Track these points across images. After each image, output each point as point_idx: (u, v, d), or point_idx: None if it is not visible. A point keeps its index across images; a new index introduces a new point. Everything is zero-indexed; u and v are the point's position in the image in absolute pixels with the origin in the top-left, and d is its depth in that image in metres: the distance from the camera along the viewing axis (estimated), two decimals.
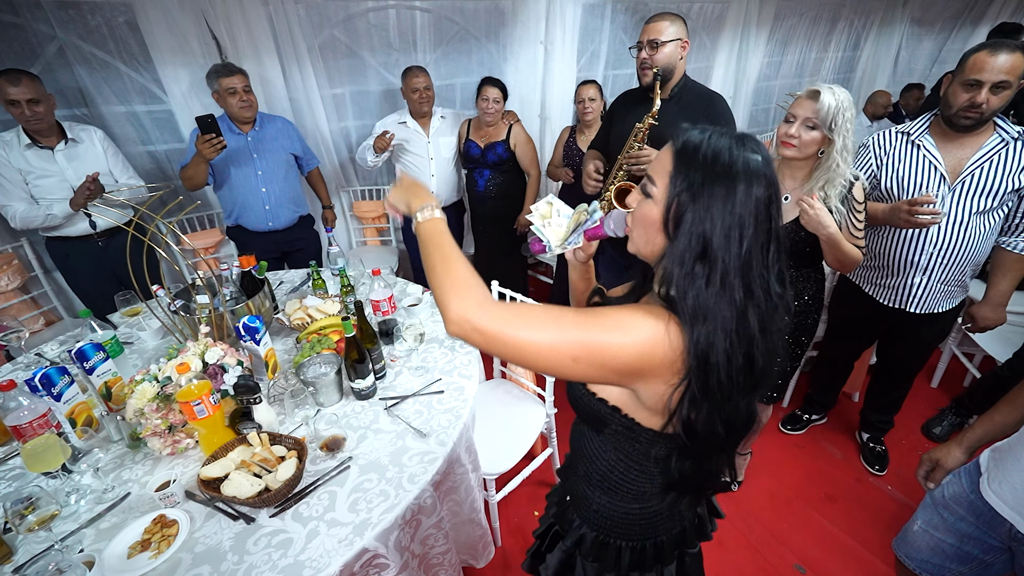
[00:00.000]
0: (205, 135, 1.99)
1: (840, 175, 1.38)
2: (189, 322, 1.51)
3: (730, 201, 0.64)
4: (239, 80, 2.17)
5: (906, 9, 4.69)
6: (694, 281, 0.65)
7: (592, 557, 0.94)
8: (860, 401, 2.42)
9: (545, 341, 0.65)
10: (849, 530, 1.88)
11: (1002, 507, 0.98)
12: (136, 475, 1.17)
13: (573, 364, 0.67)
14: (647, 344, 0.66)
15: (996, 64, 1.36)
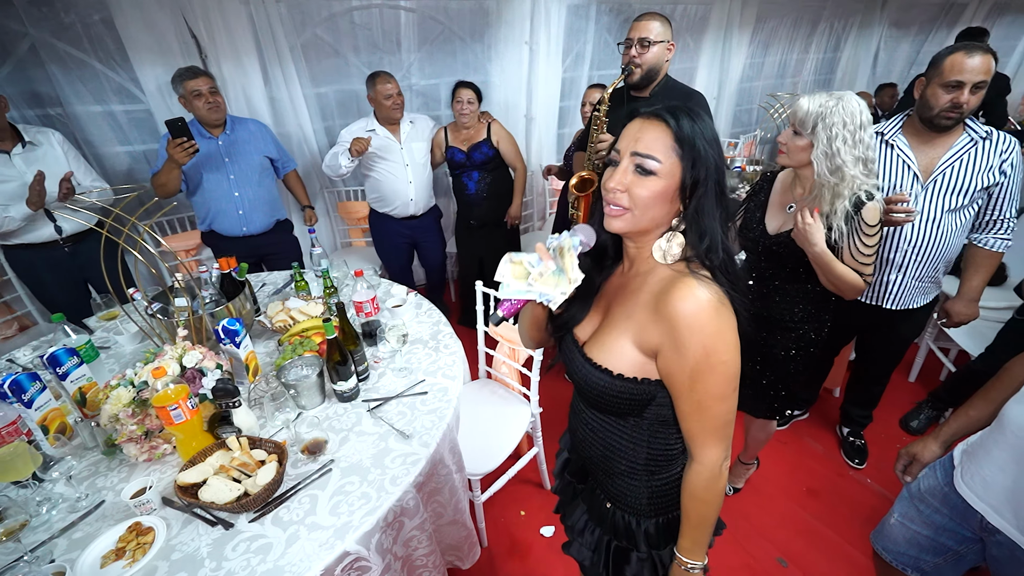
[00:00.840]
0: (176, 139, 1.95)
1: (844, 187, 1.26)
2: (167, 326, 1.49)
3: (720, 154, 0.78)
4: (204, 82, 2.13)
5: (884, 12, 4.79)
6: (713, 221, 0.77)
7: (662, 543, 0.95)
8: (840, 396, 2.47)
9: (732, 404, 0.80)
10: (830, 523, 1.91)
11: (974, 499, 1.00)
12: (111, 482, 1.15)
13: (737, 386, 0.79)
14: (734, 326, 0.77)
15: (974, 65, 1.40)
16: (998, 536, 0.98)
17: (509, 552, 1.82)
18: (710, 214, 0.77)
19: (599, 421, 0.92)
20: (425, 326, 1.73)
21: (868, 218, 1.28)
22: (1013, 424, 0.93)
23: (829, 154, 1.25)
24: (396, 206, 2.67)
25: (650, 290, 0.80)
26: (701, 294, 0.74)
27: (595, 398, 0.87)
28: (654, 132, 0.77)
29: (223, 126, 2.27)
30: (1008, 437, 0.94)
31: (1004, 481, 0.94)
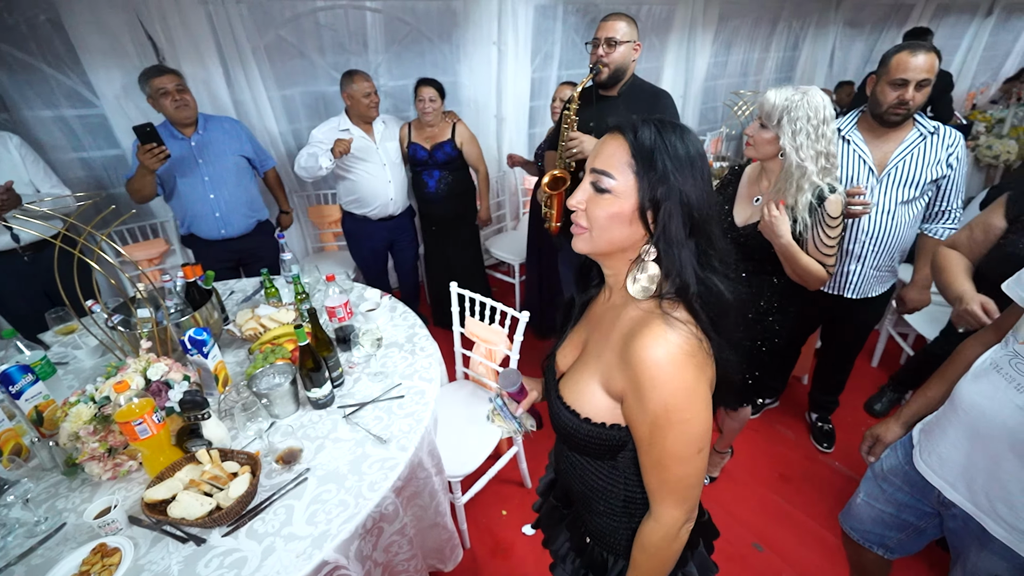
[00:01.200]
0: (145, 145, 1.89)
1: (806, 181, 1.30)
2: (129, 338, 1.43)
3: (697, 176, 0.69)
4: (170, 80, 2.06)
5: (839, 12, 4.98)
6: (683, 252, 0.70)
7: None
8: (809, 384, 2.55)
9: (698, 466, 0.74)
10: (802, 507, 1.97)
11: (931, 476, 1.05)
12: (72, 504, 1.10)
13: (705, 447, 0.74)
14: (701, 381, 0.70)
15: (918, 63, 1.48)
16: (954, 509, 1.03)
17: (492, 552, 1.82)
18: (678, 243, 0.69)
19: (576, 458, 0.87)
20: (400, 329, 1.71)
21: (831, 210, 1.31)
22: (964, 402, 0.98)
23: (794, 147, 1.28)
24: (375, 207, 2.64)
25: (620, 330, 0.75)
26: (665, 344, 0.67)
27: (566, 437, 0.83)
28: (612, 146, 0.71)
29: (195, 125, 2.20)
30: (960, 415, 0.98)
31: (958, 457, 0.99)
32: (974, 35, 6.13)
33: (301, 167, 2.46)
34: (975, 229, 1.38)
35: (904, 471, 1.15)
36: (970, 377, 0.99)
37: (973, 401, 0.95)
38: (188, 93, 2.13)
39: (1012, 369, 0.90)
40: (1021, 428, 0.87)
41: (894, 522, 1.20)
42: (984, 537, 0.97)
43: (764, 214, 1.33)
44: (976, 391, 0.95)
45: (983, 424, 0.93)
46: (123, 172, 2.58)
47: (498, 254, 3.27)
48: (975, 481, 0.96)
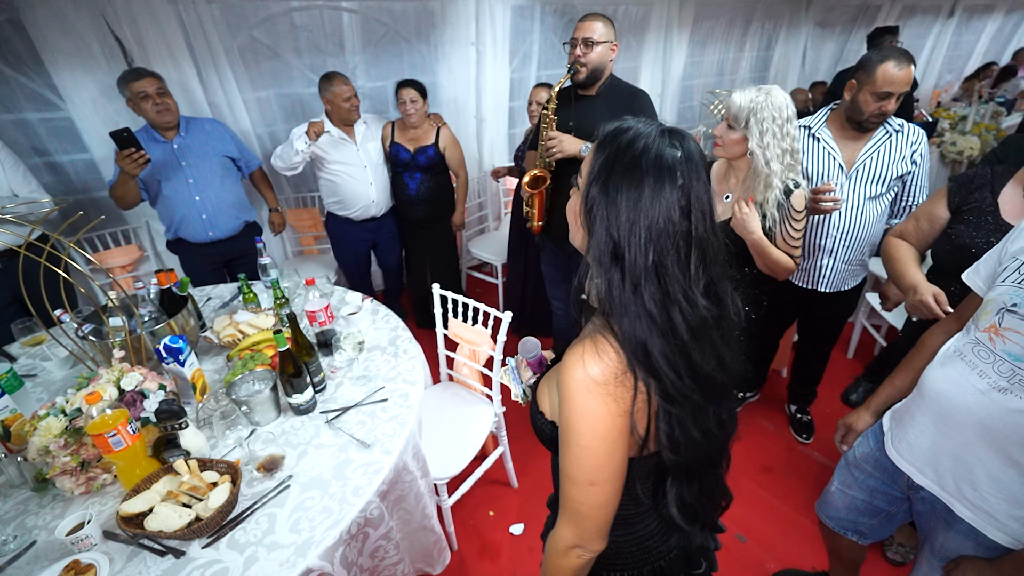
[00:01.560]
0: (123, 151, 1.85)
1: (774, 178, 1.36)
2: (101, 348, 1.39)
3: (634, 196, 0.61)
4: (150, 83, 2.01)
5: (809, 12, 5.10)
6: (612, 279, 0.64)
7: None
8: (788, 376, 2.61)
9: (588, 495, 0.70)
10: (783, 497, 2.02)
11: (901, 461, 1.08)
12: (43, 520, 1.06)
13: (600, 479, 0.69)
14: (605, 418, 0.66)
15: (903, 78, 1.53)
16: (922, 493, 1.06)
17: (480, 554, 1.82)
18: (603, 264, 0.64)
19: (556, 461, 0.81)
20: (383, 332, 1.70)
21: (796, 204, 1.38)
22: (930, 389, 1.01)
23: (761, 146, 1.34)
24: (358, 208, 2.62)
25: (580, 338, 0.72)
26: (582, 366, 0.65)
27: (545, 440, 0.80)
28: (590, 154, 0.68)
29: (176, 128, 2.16)
30: (927, 402, 1.02)
31: (925, 443, 1.02)
32: (937, 35, 6.34)
33: (277, 156, 2.44)
34: (920, 219, 1.43)
35: (875, 458, 1.18)
36: (936, 365, 1.02)
37: (939, 388, 0.98)
38: (169, 96, 2.09)
39: (974, 356, 0.93)
40: (984, 413, 0.90)
41: (866, 508, 1.23)
42: (950, 518, 1.01)
43: (735, 212, 1.38)
44: (941, 378, 0.98)
45: (948, 410, 0.96)
46: (93, 177, 2.51)
47: (480, 255, 3.26)
48: (942, 465, 0.99)
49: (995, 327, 0.91)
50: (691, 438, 0.69)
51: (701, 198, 0.64)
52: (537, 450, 2.19)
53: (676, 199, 0.62)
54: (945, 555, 1.04)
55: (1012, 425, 0.87)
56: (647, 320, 0.63)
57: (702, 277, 0.65)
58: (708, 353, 0.67)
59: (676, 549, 0.88)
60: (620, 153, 0.63)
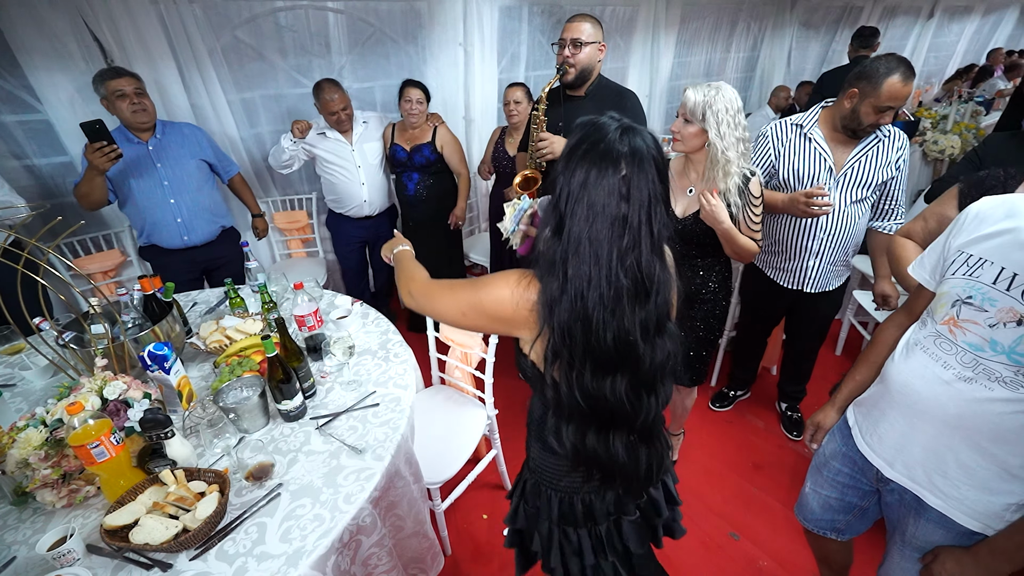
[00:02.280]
0: (94, 144, 1.77)
1: (732, 166, 1.42)
2: (83, 356, 1.35)
3: (581, 177, 0.75)
4: (128, 83, 1.97)
5: (793, 13, 5.16)
6: (551, 244, 0.80)
7: (530, 502, 1.07)
8: (778, 374, 2.63)
9: (446, 306, 0.94)
10: (774, 494, 2.03)
11: (872, 455, 1.10)
12: (23, 535, 1.03)
13: (463, 317, 0.91)
14: (501, 296, 0.85)
15: (907, 93, 1.54)
16: (891, 484, 1.08)
17: (474, 558, 1.81)
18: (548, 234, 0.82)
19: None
20: (373, 336, 1.68)
21: (754, 190, 1.46)
22: (896, 382, 1.03)
23: (718, 135, 1.40)
24: (351, 207, 2.65)
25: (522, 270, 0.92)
26: (515, 286, 0.85)
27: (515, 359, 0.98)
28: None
29: (152, 130, 2.10)
30: (894, 395, 1.04)
31: (894, 435, 1.04)
32: (918, 36, 6.46)
33: (272, 157, 2.50)
34: (929, 220, 1.45)
35: (843, 452, 1.20)
36: (898, 358, 1.05)
37: (904, 380, 1.00)
38: (147, 98, 2.04)
39: (936, 348, 0.96)
40: (951, 403, 0.92)
41: (840, 505, 1.25)
42: (920, 508, 1.03)
43: (704, 204, 1.43)
44: (906, 371, 1.00)
45: (916, 402, 0.98)
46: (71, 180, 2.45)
47: (472, 257, 3.25)
48: (912, 456, 1.01)
49: (953, 319, 0.93)
50: (574, 395, 0.83)
51: (642, 189, 0.75)
52: None
53: (617, 186, 0.74)
54: (916, 544, 1.06)
55: (979, 414, 0.89)
56: (560, 285, 0.78)
57: (629, 258, 0.77)
58: (618, 325, 0.79)
59: (609, 492, 1.00)
60: (580, 142, 0.77)
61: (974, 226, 0.95)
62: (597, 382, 0.82)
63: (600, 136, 0.76)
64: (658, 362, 0.84)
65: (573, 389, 0.83)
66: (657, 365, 0.84)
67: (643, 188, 0.75)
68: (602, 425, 0.87)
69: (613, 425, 0.87)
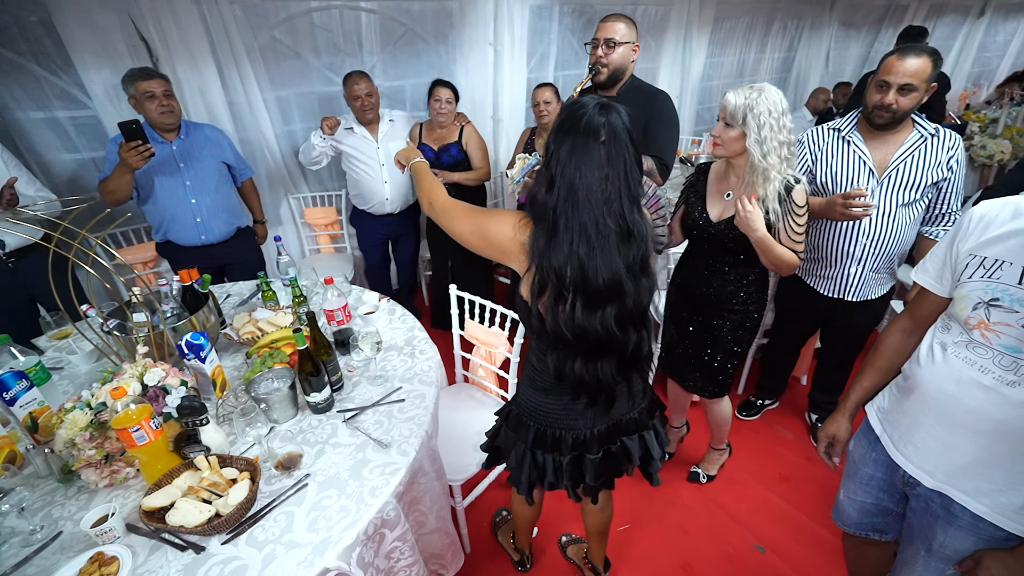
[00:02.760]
0: (129, 142, 1.84)
1: (772, 172, 1.36)
2: (125, 343, 1.41)
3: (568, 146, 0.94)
4: (158, 84, 2.02)
5: (833, 13, 5.00)
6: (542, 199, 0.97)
7: (512, 427, 1.27)
8: (808, 384, 2.56)
9: (460, 224, 1.12)
10: (802, 507, 1.97)
11: (909, 467, 1.07)
12: (69, 512, 1.08)
13: (471, 236, 1.10)
14: (503, 230, 1.05)
15: (903, 68, 1.48)
16: (918, 489, 1.06)
17: (491, 557, 1.81)
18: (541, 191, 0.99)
19: None
20: (399, 332, 1.70)
21: (798, 199, 1.39)
22: (931, 390, 1.00)
23: (760, 140, 1.35)
24: (373, 204, 2.69)
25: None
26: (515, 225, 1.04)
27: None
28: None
29: (177, 131, 2.17)
30: (929, 403, 1.01)
31: (933, 444, 1.01)
32: (967, 35, 6.17)
33: (302, 154, 2.55)
34: None
35: (873, 458, 1.18)
36: (925, 364, 1.02)
37: (940, 387, 0.98)
38: (175, 99, 2.09)
39: (970, 352, 0.94)
40: (993, 408, 0.90)
41: (876, 508, 1.23)
42: (950, 516, 1.00)
43: (739, 209, 1.38)
44: (940, 377, 0.98)
45: (954, 408, 0.96)
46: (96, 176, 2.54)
47: None
48: (954, 463, 0.99)
49: (984, 323, 0.92)
50: (575, 321, 0.99)
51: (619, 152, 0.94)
52: None
53: (599, 152, 0.93)
54: (945, 554, 1.03)
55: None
56: (547, 232, 0.97)
57: (614, 206, 0.95)
58: (610, 263, 0.96)
59: (579, 432, 1.18)
60: (567, 118, 0.96)
61: (980, 230, 0.95)
62: (587, 315, 0.98)
63: (582, 113, 0.93)
64: (642, 299, 1.02)
65: (558, 320, 1.00)
66: (640, 302, 1.02)
67: (620, 152, 0.93)
68: (590, 354, 1.04)
69: (601, 354, 1.04)
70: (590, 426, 1.19)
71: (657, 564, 1.77)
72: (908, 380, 1.07)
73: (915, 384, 1.04)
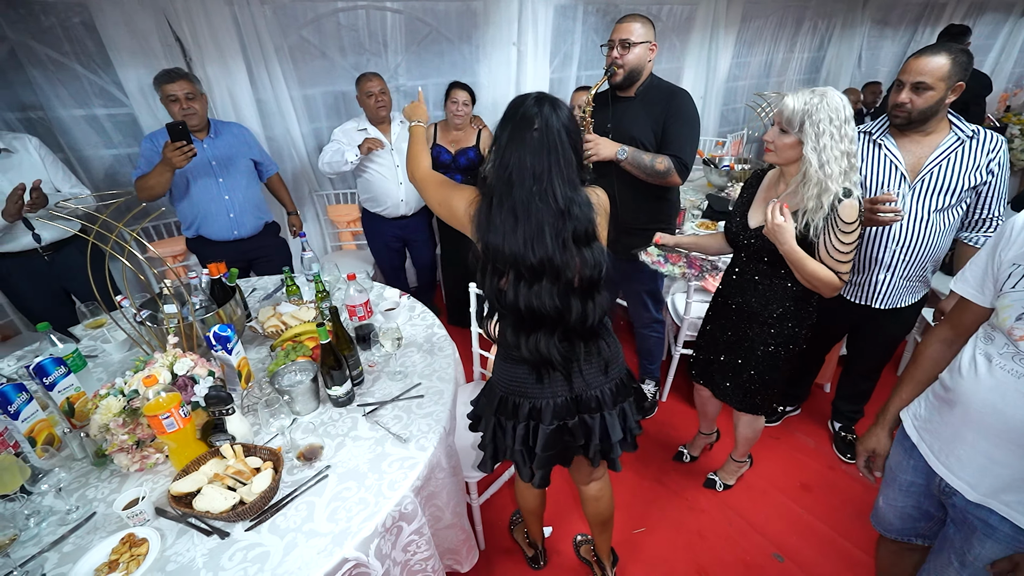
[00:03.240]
0: (175, 142, 1.92)
1: (831, 182, 1.25)
2: (156, 333, 1.46)
3: (507, 135, 1.06)
4: (180, 87, 2.06)
5: (866, 11, 4.86)
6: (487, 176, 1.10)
7: (485, 394, 1.36)
8: (832, 392, 2.50)
9: (431, 194, 1.28)
10: (823, 517, 1.93)
11: (951, 478, 1.04)
12: (102, 493, 1.13)
13: (439, 207, 1.25)
14: (459, 204, 1.17)
15: (915, 66, 1.44)
16: (953, 499, 1.04)
17: (506, 554, 1.82)
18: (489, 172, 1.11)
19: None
20: (419, 329, 1.72)
21: (845, 215, 1.27)
22: (975, 402, 0.97)
23: (818, 149, 1.26)
24: (387, 206, 2.67)
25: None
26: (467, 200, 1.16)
27: None
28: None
29: (207, 130, 2.24)
30: (973, 415, 0.98)
31: (978, 457, 0.99)
32: (1008, 35, 5.93)
33: (325, 163, 2.51)
34: None
35: (912, 465, 1.16)
36: (968, 375, 0.99)
37: (984, 400, 0.96)
38: (197, 101, 2.13)
39: (1016, 364, 0.91)
40: None
41: (918, 513, 1.21)
42: (987, 528, 0.98)
43: (768, 219, 1.30)
44: (985, 390, 0.95)
45: (1001, 421, 0.94)
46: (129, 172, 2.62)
47: None
48: (999, 477, 0.96)
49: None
50: (510, 295, 1.08)
51: (550, 139, 1.04)
52: None
53: (531, 138, 1.04)
54: (979, 566, 1.01)
55: None
56: (486, 211, 1.08)
57: (544, 183, 1.04)
58: (537, 242, 1.04)
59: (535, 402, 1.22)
60: (509, 109, 1.09)
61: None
62: (523, 289, 1.07)
63: (521, 104, 1.06)
64: (587, 272, 1.07)
65: (492, 292, 1.11)
66: (585, 275, 1.08)
67: (551, 138, 1.03)
68: (528, 326, 1.12)
69: (537, 327, 1.11)
70: (547, 396, 1.21)
71: (673, 568, 1.76)
72: (949, 392, 1.04)
73: (957, 396, 1.02)
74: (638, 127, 1.85)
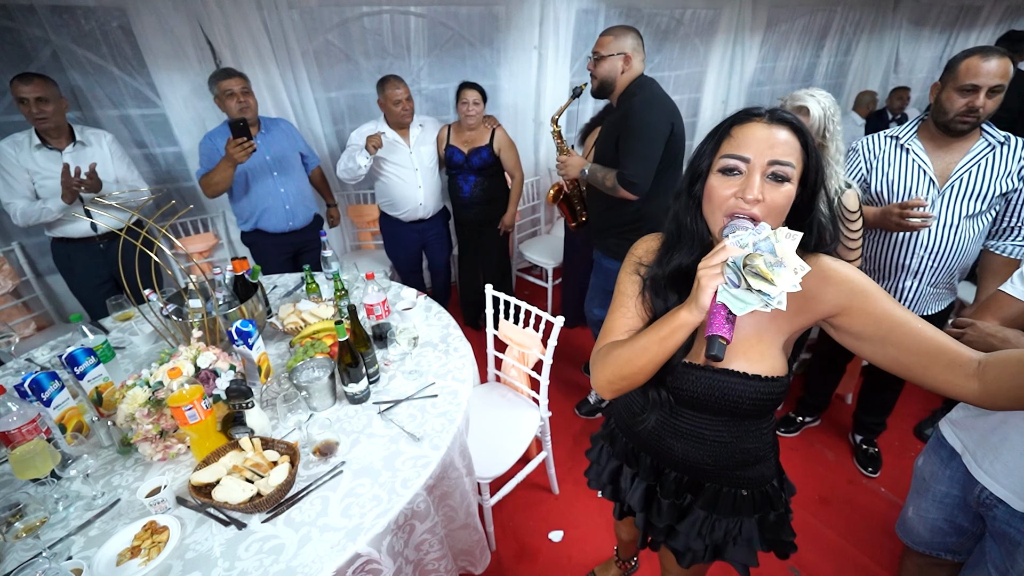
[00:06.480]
0: (237, 139, 2.00)
1: (832, 181, 1.31)
2: (181, 327, 1.50)
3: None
4: (236, 83, 2.17)
5: (896, 15, 4.75)
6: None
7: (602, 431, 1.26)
8: (853, 403, 2.43)
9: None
10: (842, 532, 1.88)
11: (995, 486, 1.01)
12: (126, 481, 1.17)
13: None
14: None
15: (991, 69, 1.39)
16: (995, 511, 1.01)
17: (518, 557, 1.82)
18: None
19: (727, 426, 0.96)
20: (435, 329, 1.74)
21: (849, 204, 1.34)
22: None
23: (839, 151, 1.32)
24: (406, 210, 2.68)
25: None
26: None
27: (733, 405, 0.89)
28: (785, 136, 0.78)
29: (258, 125, 2.33)
30: (1020, 421, 0.95)
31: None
32: None
33: (342, 171, 2.53)
34: None
35: (948, 475, 1.13)
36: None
37: None
38: (252, 96, 2.24)
39: None
40: None
41: (950, 527, 1.17)
42: None
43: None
44: None
45: None
46: (180, 168, 2.72)
47: (532, 257, 3.27)
48: None
49: None
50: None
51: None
52: (579, 458, 2.16)
53: None
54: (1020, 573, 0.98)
55: None
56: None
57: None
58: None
59: (632, 441, 1.12)
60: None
61: None
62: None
63: None
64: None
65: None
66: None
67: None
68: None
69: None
70: (641, 428, 1.05)
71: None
72: None
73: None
74: (603, 140, 1.94)
